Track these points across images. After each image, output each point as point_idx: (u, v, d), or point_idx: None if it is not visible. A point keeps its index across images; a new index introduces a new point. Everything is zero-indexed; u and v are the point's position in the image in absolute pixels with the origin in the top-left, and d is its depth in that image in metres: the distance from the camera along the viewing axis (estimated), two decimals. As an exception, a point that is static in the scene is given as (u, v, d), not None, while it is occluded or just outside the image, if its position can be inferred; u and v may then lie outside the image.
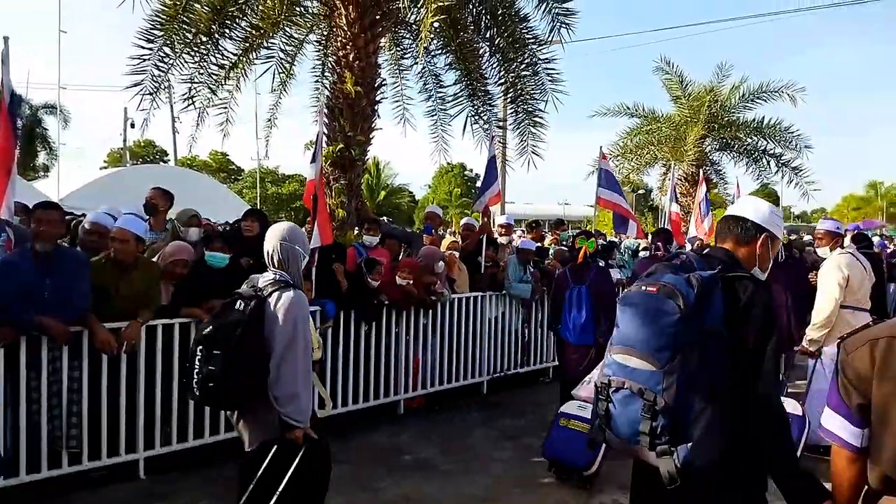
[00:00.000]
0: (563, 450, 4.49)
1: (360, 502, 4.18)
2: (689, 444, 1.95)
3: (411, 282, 5.89)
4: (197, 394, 2.80)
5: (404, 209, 45.65)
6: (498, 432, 5.64)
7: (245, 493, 2.84)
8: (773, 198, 52.58)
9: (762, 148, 17.47)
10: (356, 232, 7.63)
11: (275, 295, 2.84)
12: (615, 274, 8.38)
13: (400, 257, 6.73)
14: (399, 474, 4.65)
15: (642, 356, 2.03)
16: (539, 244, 7.97)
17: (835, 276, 5.07)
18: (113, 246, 4.37)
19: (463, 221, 8.47)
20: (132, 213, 4.79)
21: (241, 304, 2.83)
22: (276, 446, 2.83)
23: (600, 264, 5.98)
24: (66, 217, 4.92)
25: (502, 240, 8.11)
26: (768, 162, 17.40)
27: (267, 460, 2.81)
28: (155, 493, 4.19)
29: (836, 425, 1.83)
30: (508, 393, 6.89)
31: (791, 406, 4.66)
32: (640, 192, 48.10)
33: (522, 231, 11.67)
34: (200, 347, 2.79)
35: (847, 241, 6.94)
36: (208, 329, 2.80)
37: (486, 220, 7.50)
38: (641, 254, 9.26)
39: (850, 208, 48.51)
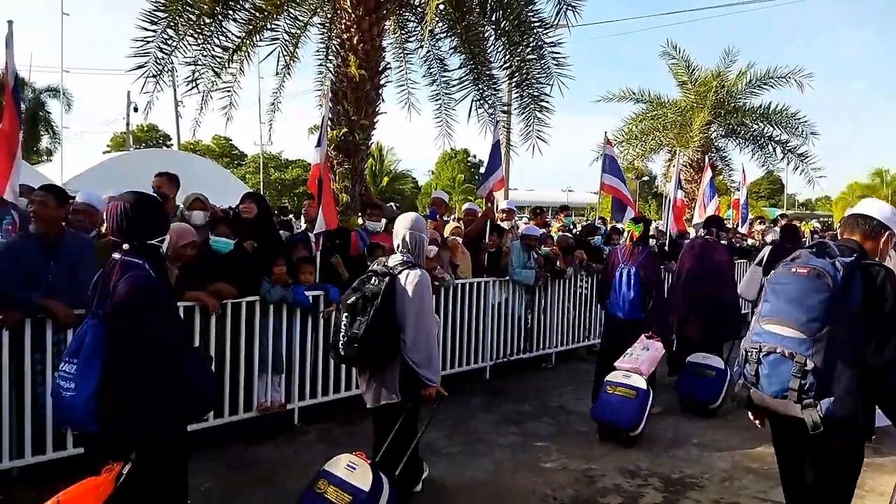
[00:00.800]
0: (612, 412, 5.03)
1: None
2: (832, 399, 2.47)
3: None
4: (342, 353, 3.42)
5: (407, 195, 45.59)
6: (501, 417, 5.66)
7: (382, 445, 3.48)
8: (778, 185, 52.40)
9: (768, 134, 17.33)
10: (360, 217, 7.61)
11: (404, 273, 3.46)
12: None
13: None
14: (403, 458, 4.66)
15: (794, 327, 2.55)
16: (543, 230, 7.94)
17: None
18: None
19: (465, 207, 8.44)
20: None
21: (375, 279, 3.44)
22: (409, 403, 3.50)
23: (650, 247, 6.38)
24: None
25: (504, 225, 8.09)
26: (774, 148, 17.27)
27: (400, 420, 3.47)
28: (160, 475, 4.20)
29: None
30: (511, 378, 6.91)
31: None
32: (645, 178, 47.97)
33: (527, 218, 11.62)
34: (346, 314, 3.40)
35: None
36: (352, 299, 3.40)
37: (489, 205, 7.48)
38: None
39: (855, 196, 48.16)
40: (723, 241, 6.74)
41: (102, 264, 2.63)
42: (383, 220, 6.64)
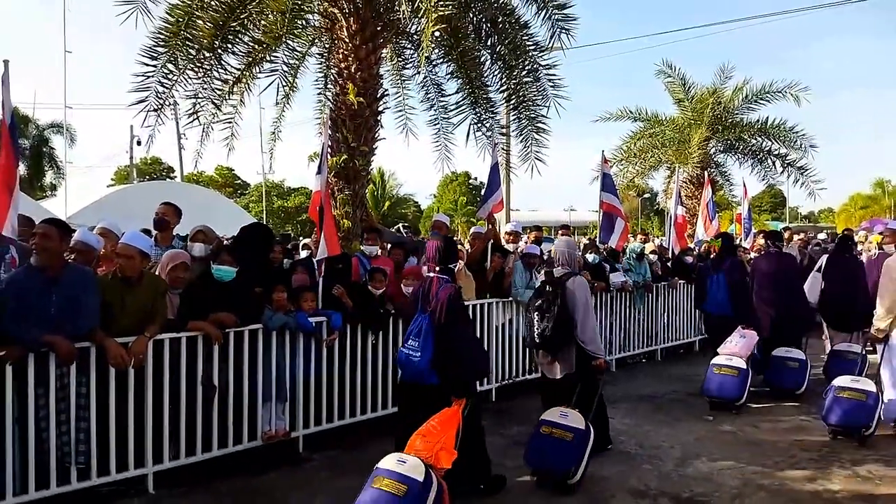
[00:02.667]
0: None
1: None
2: None
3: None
4: (537, 341, 4.85)
5: (410, 219, 45.73)
6: (508, 440, 5.60)
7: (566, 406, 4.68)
8: (780, 198, 52.35)
9: (767, 148, 17.42)
10: (360, 242, 7.63)
11: (570, 280, 4.90)
12: (619, 277, 8.37)
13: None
14: (409, 484, 4.61)
15: None
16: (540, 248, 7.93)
17: None
18: (118, 262, 4.39)
19: (472, 230, 8.47)
20: (137, 231, 4.81)
21: (549, 287, 4.88)
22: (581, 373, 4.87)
23: (734, 257, 7.77)
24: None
25: (509, 247, 8.09)
26: (773, 162, 17.35)
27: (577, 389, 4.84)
28: (164, 508, 4.18)
29: None
30: (518, 399, 6.86)
31: (868, 385, 5.52)
32: (646, 196, 48.04)
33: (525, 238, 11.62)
34: (536, 314, 4.84)
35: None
36: (538, 303, 4.87)
37: (490, 226, 7.50)
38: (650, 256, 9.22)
39: (857, 207, 48.16)
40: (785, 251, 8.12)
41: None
42: (385, 245, 6.66)
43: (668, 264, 9.83)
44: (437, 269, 4.31)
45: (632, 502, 4.30)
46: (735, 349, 6.60)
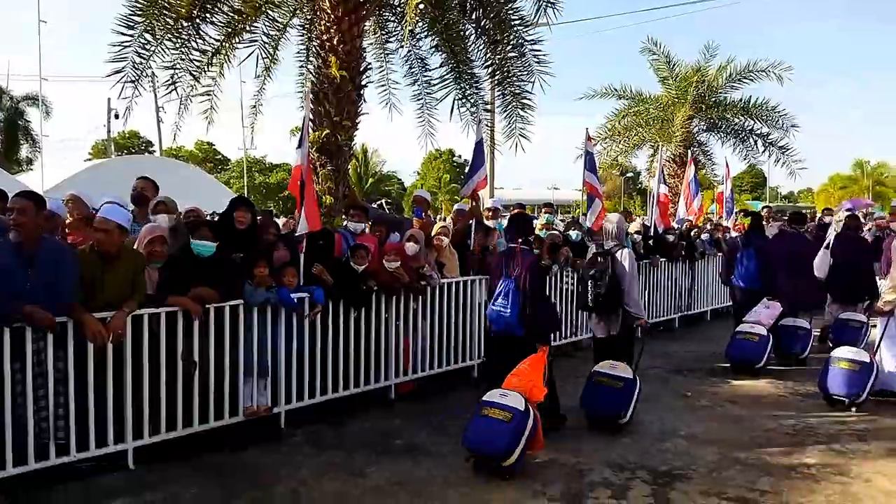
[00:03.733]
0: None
1: (351, 487, 4.17)
2: None
3: (399, 264, 5.86)
4: (591, 304, 5.58)
5: (394, 196, 45.53)
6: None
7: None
8: (761, 178, 52.85)
9: (749, 128, 17.50)
10: (343, 218, 7.57)
11: (619, 252, 5.58)
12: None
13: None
14: (390, 458, 4.65)
15: None
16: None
17: None
18: (96, 236, 4.31)
19: (456, 207, 8.43)
20: (115, 203, 4.69)
21: (601, 258, 5.57)
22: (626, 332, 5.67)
23: (763, 234, 8.32)
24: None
25: (490, 223, 8.07)
26: (755, 142, 17.44)
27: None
28: (145, 483, 4.15)
29: None
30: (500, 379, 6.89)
31: (860, 354, 5.89)
32: (629, 175, 48.20)
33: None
34: (590, 281, 5.51)
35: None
36: (592, 272, 5.53)
37: (474, 203, 7.46)
38: (636, 236, 9.24)
39: (836, 187, 48.77)
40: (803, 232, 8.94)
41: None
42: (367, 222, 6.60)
43: (650, 242, 9.88)
44: (521, 241, 5.15)
45: (610, 475, 4.36)
46: (759, 318, 7.35)
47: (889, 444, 4.94)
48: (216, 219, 6.34)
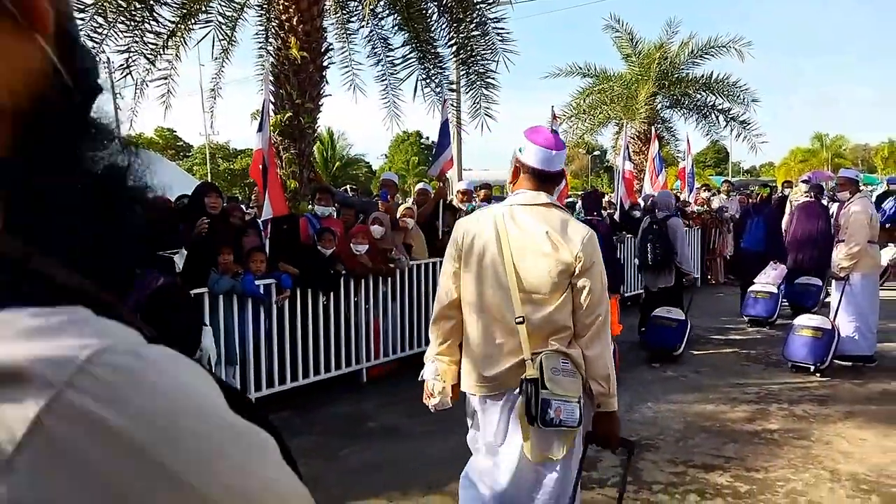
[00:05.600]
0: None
1: (324, 472, 4.15)
2: None
3: (367, 247, 5.82)
4: (650, 264, 6.77)
5: (361, 180, 45.10)
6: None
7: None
8: (723, 154, 53.79)
9: (711, 103, 17.70)
10: (309, 202, 7.48)
11: (669, 219, 6.80)
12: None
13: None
14: (364, 441, 4.65)
15: None
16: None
17: (863, 216, 6.20)
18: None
19: (418, 187, 8.38)
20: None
21: (656, 226, 6.79)
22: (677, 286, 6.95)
23: (772, 205, 9.51)
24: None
25: (462, 206, 8.05)
26: (717, 117, 17.66)
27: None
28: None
29: None
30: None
31: (822, 321, 6.08)
32: (595, 153, 48.55)
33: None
34: (648, 244, 6.74)
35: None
36: (650, 237, 6.78)
37: (441, 184, 7.43)
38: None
39: (796, 160, 49.88)
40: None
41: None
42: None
43: (616, 218, 9.98)
44: (595, 213, 6.49)
45: (591, 451, 4.42)
46: (768, 279, 8.13)
47: (847, 408, 5.12)
48: (182, 205, 6.22)
